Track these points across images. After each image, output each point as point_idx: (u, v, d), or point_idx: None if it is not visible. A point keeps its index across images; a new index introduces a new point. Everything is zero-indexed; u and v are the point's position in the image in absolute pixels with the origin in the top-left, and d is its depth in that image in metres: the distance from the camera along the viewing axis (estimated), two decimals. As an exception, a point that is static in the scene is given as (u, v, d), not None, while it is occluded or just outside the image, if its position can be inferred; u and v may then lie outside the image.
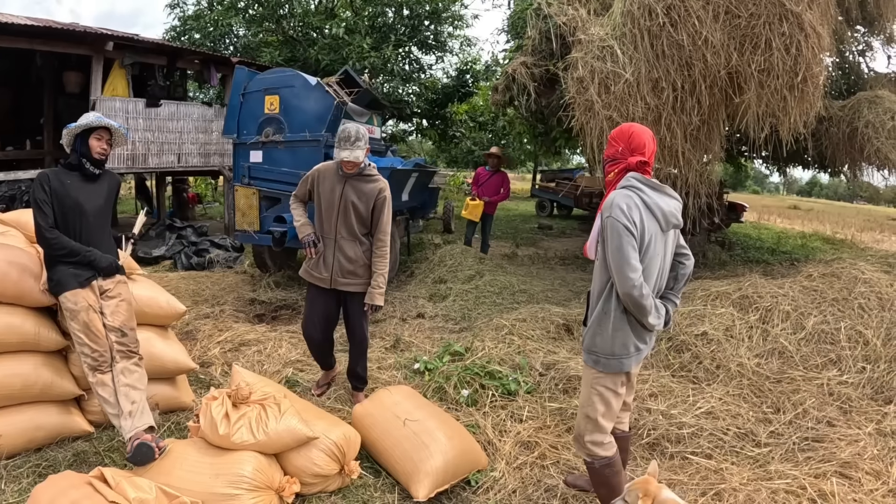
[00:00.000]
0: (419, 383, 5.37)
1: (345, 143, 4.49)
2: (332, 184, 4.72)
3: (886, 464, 4.06)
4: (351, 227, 4.75)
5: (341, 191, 4.70)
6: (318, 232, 4.86)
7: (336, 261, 4.77)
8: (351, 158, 4.50)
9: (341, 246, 4.77)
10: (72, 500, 2.88)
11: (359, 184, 4.72)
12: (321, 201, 4.78)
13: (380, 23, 17.84)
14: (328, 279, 4.80)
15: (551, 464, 4.17)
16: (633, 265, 3.02)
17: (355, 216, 4.73)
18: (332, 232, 4.77)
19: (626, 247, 3.02)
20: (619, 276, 3.06)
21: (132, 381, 3.95)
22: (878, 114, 9.22)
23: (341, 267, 4.77)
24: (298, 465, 3.69)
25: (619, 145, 3.32)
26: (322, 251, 4.85)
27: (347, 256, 4.77)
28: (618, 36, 7.49)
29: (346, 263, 4.77)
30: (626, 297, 3.07)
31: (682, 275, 3.48)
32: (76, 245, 3.95)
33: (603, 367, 3.26)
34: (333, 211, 4.73)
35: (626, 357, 3.24)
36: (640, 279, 3.04)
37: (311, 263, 4.88)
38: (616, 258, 3.04)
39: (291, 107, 8.53)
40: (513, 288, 9.00)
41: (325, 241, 4.82)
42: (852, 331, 5.81)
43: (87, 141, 4.06)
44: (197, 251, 11.44)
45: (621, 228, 3.03)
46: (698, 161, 8.08)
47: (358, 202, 4.71)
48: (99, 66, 11.87)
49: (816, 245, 18.09)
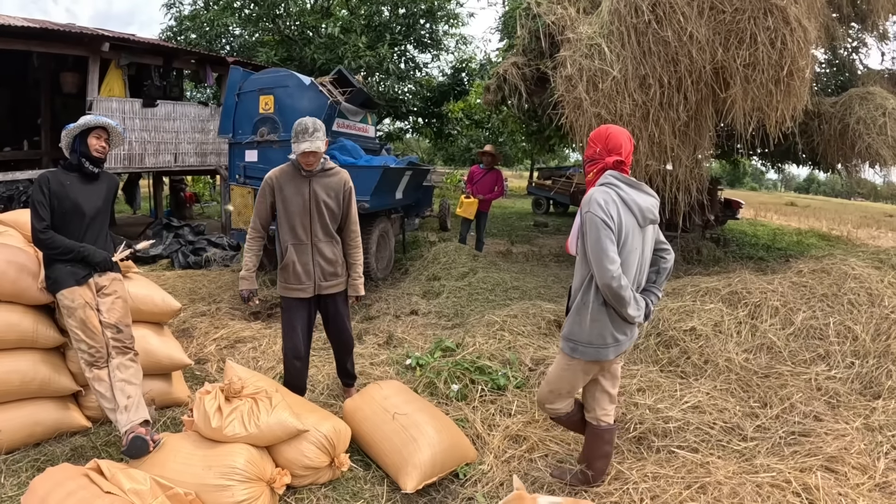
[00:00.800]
0: (411, 378, 5.42)
1: (303, 135, 4.26)
2: (297, 187, 4.46)
3: (874, 458, 4.06)
4: (326, 227, 4.57)
5: (309, 192, 4.47)
6: (290, 241, 4.52)
7: (317, 265, 4.59)
8: (312, 148, 4.24)
9: (320, 249, 4.58)
10: (68, 491, 2.93)
11: (324, 180, 4.52)
12: (288, 208, 4.47)
13: (375, 21, 17.87)
14: (311, 287, 4.60)
15: (539, 457, 4.22)
16: (611, 257, 3.14)
17: (329, 215, 4.55)
18: (308, 237, 4.53)
19: (605, 239, 3.14)
20: (597, 267, 3.17)
21: (128, 377, 4.02)
22: (870, 110, 9.24)
23: (323, 271, 4.61)
24: (289, 458, 3.75)
25: (597, 146, 3.47)
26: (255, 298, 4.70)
27: (327, 258, 4.61)
28: (605, 34, 7.53)
29: (327, 266, 4.62)
30: (606, 288, 3.19)
31: (664, 269, 3.61)
32: (70, 243, 4.01)
33: (580, 355, 3.42)
34: (307, 215, 4.48)
35: (602, 347, 3.38)
36: (619, 271, 3.16)
37: (288, 277, 4.59)
38: (595, 250, 3.17)
39: (286, 106, 8.58)
40: (506, 285, 9.05)
41: (299, 248, 4.52)
42: (841, 326, 5.81)
43: (85, 140, 4.13)
44: (194, 250, 11.48)
45: (599, 222, 3.16)
46: (687, 157, 8.13)
47: (329, 199, 4.52)
48: (95, 66, 11.89)
49: (812, 242, 18.11)
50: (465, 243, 11.56)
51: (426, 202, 12.40)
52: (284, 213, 4.48)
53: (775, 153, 12.02)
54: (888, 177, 10.37)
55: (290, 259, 4.52)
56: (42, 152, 13.55)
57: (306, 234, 4.52)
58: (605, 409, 3.73)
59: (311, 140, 4.26)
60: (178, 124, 13.89)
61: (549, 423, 4.53)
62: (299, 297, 4.60)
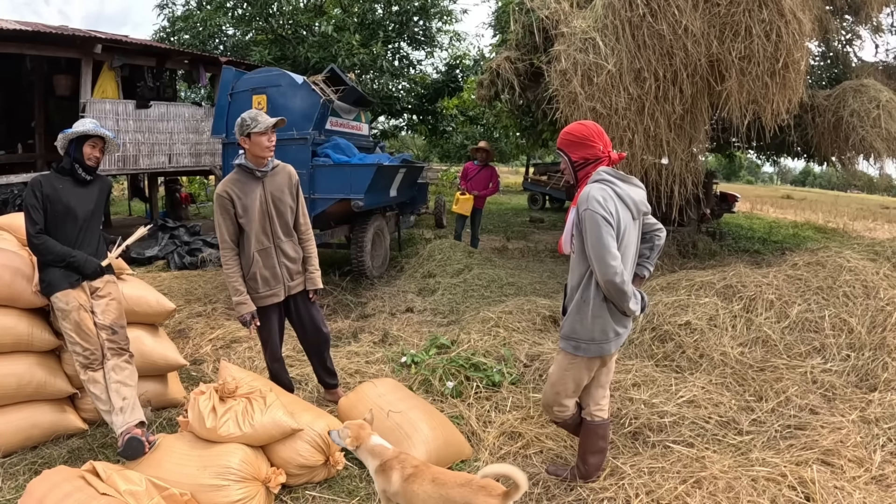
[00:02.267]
0: (406, 376, 5.42)
1: (254, 124, 4.20)
2: (251, 192, 4.33)
3: (870, 451, 4.05)
4: (286, 225, 4.53)
5: (263, 194, 4.37)
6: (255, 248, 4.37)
7: (283, 266, 4.51)
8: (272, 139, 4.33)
9: (283, 250, 4.51)
10: (64, 493, 2.94)
11: (272, 178, 4.44)
12: (248, 215, 4.31)
13: (369, 19, 17.87)
14: (281, 289, 4.54)
15: (535, 453, 4.22)
16: (613, 254, 3.14)
17: (288, 212, 4.52)
18: (271, 239, 4.44)
19: (606, 236, 3.13)
20: (599, 264, 3.16)
21: (123, 378, 4.01)
22: (864, 102, 9.24)
23: (289, 270, 4.55)
24: (284, 457, 3.74)
25: (598, 143, 3.41)
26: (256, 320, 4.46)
27: (290, 257, 4.55)
28: (599, 28, 7.52)
29: (292, 265, 4.57)
30: (608, 284, 3.18)
31: (657, 245, 3.64)
32: (62, 250, 4.01)
33: (584, 353, 3.42)
34: (265, 218, 4.40)
35: (605, 342, 3.39)
36: (621, 267, 3.17)
37: (258, 285, 4.43)
38: (597, 248, 3.15)
39: (279, 106, 8.56)
40: (501, 281, 9.06)
41: (263, 253, 4.41)
42: (836, 319, 5.79)
43: (81, 147, 4.13)
44: (190, 251, 11.45)
45: (600, 219, 3.14)
46: (683, 150, 8.13)
47: (282, 196, 4.46)
48: (88, 68, 11.87)
49: (808, 234, 18.11)
50: (461, 240, 11.57)
51: (421, 199, 12.40)
52: (245, 220, 4.33)
53: (770, 146, 12.03)
54: (882, 169, 10.35)
55: (256, 266, 4.39)
56: (36, 155, 13.50)
57: (269, 237, 4.44)
58: (599, 403, 3.73)
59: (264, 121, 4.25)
60: (171, 125, 13.86)
61: (544, 419, 4.52)
62: (272, 302, 4.51)
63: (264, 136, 4.25)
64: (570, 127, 3.52)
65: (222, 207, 4.29)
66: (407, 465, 3.15)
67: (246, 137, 4.24)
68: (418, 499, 3.03)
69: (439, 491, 3.00)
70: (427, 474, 3.10)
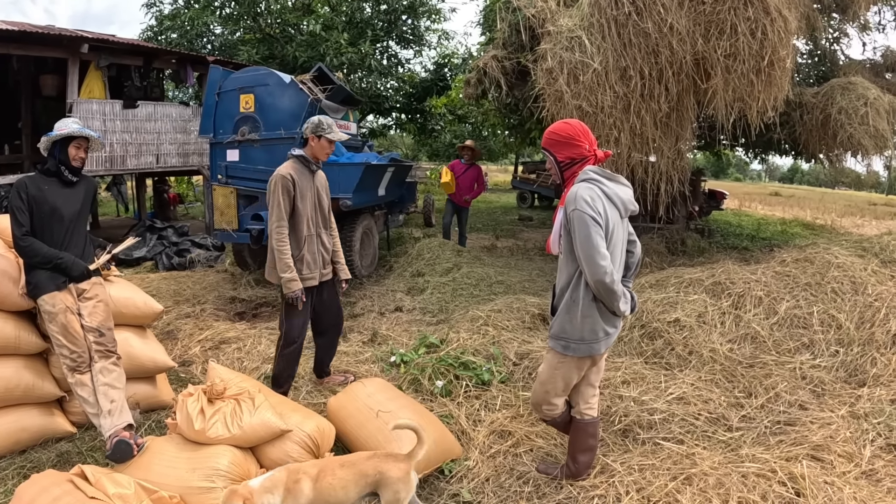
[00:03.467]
0: (395, 375, 5.41)
1: (329, 131, 4.74)
2: (307, 181, 4.79)
3: (859, 446, 4.07)
4: (325, 218, 5.02)
5: (314, 186, 4.86)
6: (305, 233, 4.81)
7: (320, 255, 4.95)
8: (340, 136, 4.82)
9: (322, 239, 4.97)
10: (53, 497, 2.92)
11: (320, 174, 5.00)
12: (304, 201, 4.77)
13: (357, 18, 17.83)
14: (317, 276, 4.93)
15: (525, 451, 4.21)
16: (602, 253, 3.12)
17: (326, 207, 5.03)
18: (315, 227, 4.89)
19: (595, 236, 3.12)
20: (589, 265, 3.15)
21: (110, 381, 3.99)
22: (851, 100, 9.30)
23: (323, 259, 4.99)
24: (274, 458, 3.73)
25: (583, 142, 3.39)
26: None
27: (326, 247, 5.01)
28: (586, 26, 7.51)
29: (326, 254, 5.03)
30: (598, 284, 3.17)
31: (632, 262, 3.61)
32: (49, 252, 3.99)
33: (573, 352, 3.40)
34: (315, 208, 4.87)
35: (595, 342, 3.38)
36: (611, 266, 3.16)
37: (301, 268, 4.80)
38: (585, 248, 3.14)
39: (266, 105, 8.54)
40: (490, 279, 9.07)
41: (310, 240, 4.84)
42: (825, 315, 5.81)
43: (66, 149, 4.11)
44: (178, 251, 11.41)
45: (588, 219, 3.13)
46: (669, 148, 8.15)
47: (322, 191, 4.97)
48: (75, 68, 11.79)
49: (796, 231, 18.21)
50: (450, 238, 11.63)
51: (409, 198, 12.43)
52: (301, 205, 4.75)
53: (758, 143, 12.08)
54: (870, 166, 10.41)
55: (305, 250, 4.79)
56: (23, 156, 13.42)
57: (314, 226, 4.87)
58: (589, 402, 3.73)
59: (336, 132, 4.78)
60: (159, 125, 13.78)
61: (534, 417, 4.51)
62: (310, 285, 4.85)
63: (330, 144, 4.82)
64: (554, 126, 3.51)
65: (285, 187, 4.65)
66: (308, 469, 3.18)
67: (316, 137, 4.75)
68: (336, 488, 3.10)
69: (351, 471, 3.15)
70: (333, 464, 3.21)
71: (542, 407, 3.70)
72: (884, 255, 6.69)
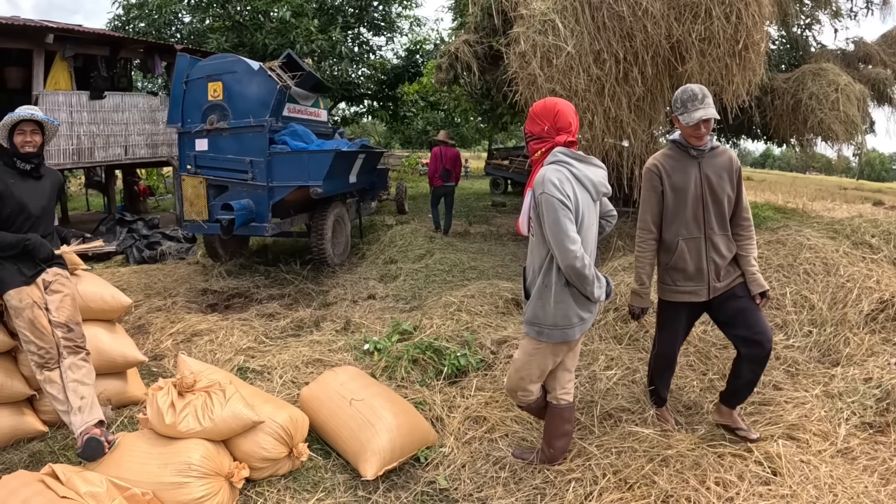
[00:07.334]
0: (369, 364, 5.36)
1: (692, 102, 3.66)
2: (684, 170, 3.84)
3: (834, 425, 4.10)
4: (721, 216, 3.87)
5: (698, 176, 3.82)
6: (681, 236, 3.88)
7: (711, 263, 3.87)
8: (707, 116, 3.61)
9: (715, 243, 3.85)
10: (23, 498, 2.86)
11: (711, 160, 3.86)
12: (673, 197, 3.85)
13: (327, 4, 17.71)
14: (705, 290, 3.91)
15: (500, 437, 4.19)
16: (572, 237, 3.08)
17: (725, 200, 3.84)
18: (702, 229, 3.85)
19: (564, 220, 3.07)
20: (559, 249, 3.10)
21: (80, 377, 3.92)
22: (822, 86, 9.40)
23: (716, 268, 3.88)
24: (246, 451, 3.67)
25: (544, 124, 3.34)
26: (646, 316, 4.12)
27: (721, 253, 3.87)
28: (559, 9, 7.46)
29: (721, 261, 3.88)
30: (569, 269, 3.13)
31: (604, 231, 3.64)
32: (14, 237, 3.90)
33: (546, 338, 3.36)
34: (699, 204, 3.82)
35: (568, 328, 3.33)
36: (581, 250, 3.11)
37: (677, 277, 3.95)
38: (555, 232, 3.09)
39: (234, 93, 8.45)
40: (463, 265, 9.08)
41: (690, 243, 3.87)
42: (798, 296, 5.84)
43: (12, 138, 4.01)
44: (148, 244, 11.31)
45: (556, 203, 3.08)
46: (644, 131, 8.15)
47: (721, 182, 3.83)
48: (40, 59, 11.64)
49: (768, 214, 18.28)
50: (440, 227, 12.29)
51: (381, 185, 12.48)
52: (674, 204, 3.87)
53: (731, 128, 12.15)
54: (840, 151, 10.51)
55: (679, 258, 3.90)
56: (-13, 151, 13.18)
57: (699, 227, 3.86)
58: (565, 387, 3.70)
59: (705, 107, 3.64)
60: (127, 116, 13.62)
61: (509, 402, 4.50)
62: (689, 300, 3.97)
63: (693, 128, 3.70)
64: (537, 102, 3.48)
65: (649, 183, 3.93)
66: None
67: (678, 118, 3.76)
68: None
69: None
70: None
71: (517, 393, 3.66)
72: (855, 236, 6.72)
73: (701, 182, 3.81)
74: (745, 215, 3.92)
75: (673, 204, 3.87)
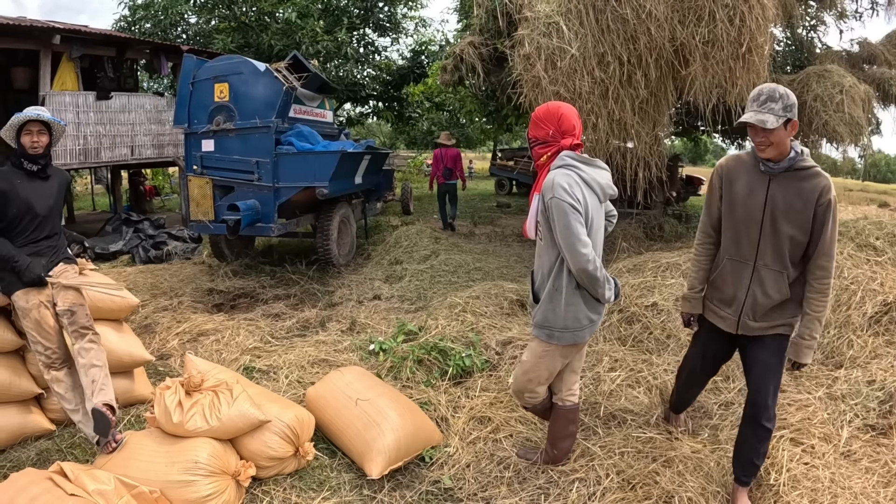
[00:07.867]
0: (374, 364, 5.39)
1: (750, 102, 3.11)
2: (751, 184, 3.23)
3: (837, 427, 4.11)
4: (779, 250, 3.18)
5: (765, 195, 3.17)
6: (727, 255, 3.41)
7: (751, 297, 3.30)
8: (749, 120, 3.00)
9: (762, 279, 3.25)
10: (32, 496, 2.87)
11: (787, 182, 3.13)
12: (728, 208, 3.35)
13: (333, 5, 17.73)
14: (734, 322, 3.41)
15: (504, 437, 4.21)
16: (583, 241, 3.09)
17: (796, 233, 3.12)
18: (753, 256, 3.26)
19: (575, 224, 3.08)
20: (571, 253, 3.11)
21: (90, 359, 3.91)
22: (827, 88, 9.40)
23: (754, 307, 3.30)
24: (253, 449, 3.69)
25: (549, 128, 3.34)
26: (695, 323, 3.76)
27: (767, 293, 3.24)
28: (563, 12, 7.49)
29: (764, 301, 3.26)
30: (581, 272, 3.14)
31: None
32: (8, 253, 3.87)
33: (557, 341, 3.37)
34: (756, 227, 3.21)
35: (579, 330, 3.35)
36: (593, 254, 3.12)
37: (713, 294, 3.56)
38: (566, 236, 3.10)
39: (241, 94, 8.47)
40: (468, 266, 9.10)
41: (734, 265, 3.37)
42: (802, 298, 5.86)
43: (19, 139, 4.03)
44: (154, 244, 11.34)
45: (567, 207, 3.08)
46: (647, 134, 8.16)
47: (786, 212, 3.12)
48: (47, 60, 11.65)
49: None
50: (447, 225, 12.73)
51: (386, 186, 12.50)
52: (729, 215, 3.36)
53: (736, 130, 12.16)
54: (845, 152, 10.51)
55: (719, 274, 3.48)
56: (-6, 151, 13.25)
57: (751, 252, 3.28)
58: (571, 388, 3.72)
59: (756, 112, 3.03)
60: (133, 116, 13.65)
61: (513, 403, 4.51)
62: (716, 324, 3.55)
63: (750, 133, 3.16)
64: (540, 106, 3.49)
65: (710, 182, 3.50)
66: None
67: None
68: None
69: None
70: None
71: (524, 395, 3.67)
72: (859, 238, 6.70)
73: (765, 204, 3.15)
74: (823, 263, 3.10)
75: (728, 215, 3.36)
